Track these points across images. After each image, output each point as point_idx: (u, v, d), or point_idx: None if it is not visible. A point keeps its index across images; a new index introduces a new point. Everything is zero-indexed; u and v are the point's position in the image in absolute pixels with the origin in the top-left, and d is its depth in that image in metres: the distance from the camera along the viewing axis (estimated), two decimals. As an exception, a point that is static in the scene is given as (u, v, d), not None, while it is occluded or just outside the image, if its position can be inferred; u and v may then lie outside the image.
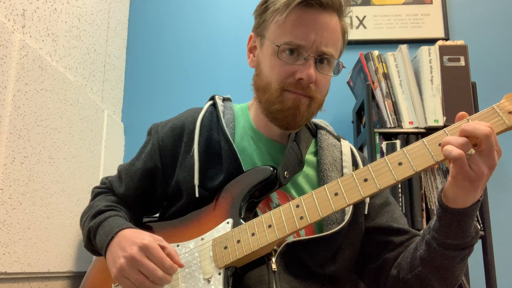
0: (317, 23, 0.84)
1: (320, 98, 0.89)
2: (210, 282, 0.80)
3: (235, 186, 0.87)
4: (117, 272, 0.78)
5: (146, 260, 0.76)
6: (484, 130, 0.64)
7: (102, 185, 1.06)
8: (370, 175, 0.73)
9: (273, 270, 0.81)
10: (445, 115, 1.50)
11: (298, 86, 0.86)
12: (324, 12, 0.85)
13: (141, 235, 0.79)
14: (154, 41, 2.04)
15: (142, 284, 0.76)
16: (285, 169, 0.87)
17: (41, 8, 1.32)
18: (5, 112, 1.10)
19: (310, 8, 0.84)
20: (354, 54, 1.70)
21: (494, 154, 0.66)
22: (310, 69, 0.84)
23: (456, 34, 1.94)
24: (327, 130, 1.02)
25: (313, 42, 0.84)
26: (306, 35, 0.84)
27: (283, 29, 0.86)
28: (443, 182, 1.50)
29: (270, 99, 0.88)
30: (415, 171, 0.70)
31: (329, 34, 0.85)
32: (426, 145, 0.70)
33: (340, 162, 0.94)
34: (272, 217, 0.79)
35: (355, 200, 0.73)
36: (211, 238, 0.84)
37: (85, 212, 0.98)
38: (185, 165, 0.92)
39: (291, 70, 0.85)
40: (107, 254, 0.84)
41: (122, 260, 0.77)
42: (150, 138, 1.00)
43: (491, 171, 0.67)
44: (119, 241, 0.81)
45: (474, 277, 1.54)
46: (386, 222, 0.92)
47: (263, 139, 0.95)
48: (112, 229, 0.85)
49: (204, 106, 0.99)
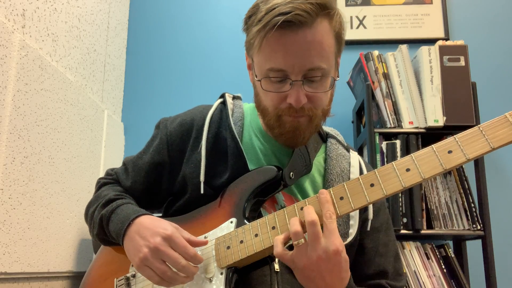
0: (295, 45, 0.78)
1: (320, 113, 0.86)
2: (212, 281, 0.79)
3: (240, 185, 0.87)
4: (139, 262, 0.78)
5: (170, 250, 0.76)
6: (308, 218, 0.70)
7: (108, 176, 1.05)
8: (377, 180, 0.71)
9: (275, 270, 0.81)
10: (445, 115, 1.50)
11: (292, 110, 0.82)
12: (302, 30, 0.77)
13: (161, 224, 0.79)
14: (154, 41, 2.04)
15: (164, 274, 0.76)
16: (291, 170, 0.87)
17: (41, 8, 1.32)
18: (5, 112, 1.10)
19: (286, 30, 0.77)
20: (354, 54, 1.70)
21: (317, 246, 0.69)
22: (298, 93, 0.80)
23: (456, 34, 1.94)
24: (337, 140, 0.99)
25: (295, 65, 0.79)
26: (286, 60, 0.79)
27: (263, 58, 0.81)
28: (443, 182, 1.51)
29: (269, 124, 0.87)
30: (423, 178, 0.68)
31: (312, 51, 0.79)
32: (436, 152, 0.69)
33: (347, 173, 0.93)
34: (276, 218, 0.78)
35: (360, 205, 0.72)
36: (214, 237, 0.84)
37: (93, 202, 0.98)
38: (192, 161, 0.92)
39: (282, 96, 0.82)
40: (126, 241, 0.83)
41: (145, 249, 0.77)
42: (158, 132, 0.99)
43: (322, 262, 0.69)
44: (138, 229, 0.81)
45: (474, 277, 1.54)
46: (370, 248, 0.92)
47: (270, 141, 0.94)
48: (128, 215, 0.84)
49: (214, 103, 0.99)
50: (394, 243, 0.95)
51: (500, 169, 1.81)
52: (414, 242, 1.50)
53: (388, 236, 0.94)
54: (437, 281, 1.44)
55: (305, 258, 0.70)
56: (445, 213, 1.47)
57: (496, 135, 0.66)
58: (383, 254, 0.91)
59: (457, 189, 1.49)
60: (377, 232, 0.93)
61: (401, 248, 1.49)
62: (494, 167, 1.79)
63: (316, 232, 0.69)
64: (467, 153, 0.67)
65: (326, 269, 0.70)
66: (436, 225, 1.46)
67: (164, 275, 0.77)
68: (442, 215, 1.47)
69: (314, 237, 0.69)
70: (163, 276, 0.77)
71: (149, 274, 0.78)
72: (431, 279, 1.45)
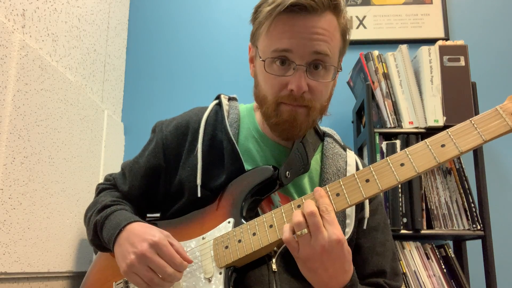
0: (302, 28, 0.79)
1: (318, 107, 0.85)
2: (211, 281, 0.80)
3: (236, 186, 0.87)
4: (126, 268, 0.78)
5: (156, 257, 0.76)
6: (307, 209, 0.71)
7: (107, 181, 1.05)
8: (372, 175, 0.72)
9: (273, 270, 0.82)
10: (445, 115, 1.50)
11: (291, 98, 0.82)
12: (312, 16, 0.79)
13: (150, 231, 0.79)
14: (154, 41, 2.04)
15: (151, 281, 0.77)
16: (287, 169, 0.87)
17: (41, 8, 1.32)
18: (5, 112, 1.10)
19: (295, 14, 0.79)
20: (354, 54, 1.70)
21: (319, 236, 0.70)
22: (300, 79, 0.80)
23: (456, 34, 1.94)
24: (334, 139, 0.99)
25: (300, 46, 0.79)
26: (292, 41, 0.79)
27: (269, 39, 0.82)
28: (443, 182, 1.51)
29: (267, 113, 0.86)
30: (417, 172, 0.69)
31: (320, 36, 0.80)
32: (429, 146, 0.70)
33: (344, 172, 0.93)
34: (274, 217, 0.79)
35: (356, 201, 0.73)
36: (212, 238, 0.84)
37: (90, 208, 0.98)
38: (188, 164, 0.92)
39: (283, 82, 0.82)
40: (116, 248, 0.83)
41: (132, 256, 0.77)
42: (154, 136, 0.99)
43: (325, 253, 0.70)
44: (128, 235, 0.81)
45: (474, 277, 1.54)
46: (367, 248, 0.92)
47: (268, 142, 0.94)
48: (119, 222, 0.85)
49: (210, 105, 0.99)
50: (391, 243, 0.95)
51: (500, 169, 1.81)
52: (414, 242, 1.50)
53: (385, 235, 0.94)
54: (437, 281, 1.44)
55: (308, 248, 0.71)
56: (445, 213, 1.47)
57: (488, 127, 0.67)
58: (380, 254, 0.91)
59: (457, 189, 1.49)
60: (375, 232, 0.93)
61: (401, 248, 1.49)
62: (494, 167, 1.79)
63: (317, 222, 0.70)
64: (459, 146, 0.68)
65: (329, 260, 0.71)
66: (436, 225, 1.46)
67: (151, 282, 0.77)
68: (442, 215, 1.47)
69: (315, 228, 0.70)
70: (150, 283, 0.77)
71: (136, 280, 0.78)
72: (431, 279, 1.45)
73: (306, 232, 0.70)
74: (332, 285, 0.74)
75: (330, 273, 0.72)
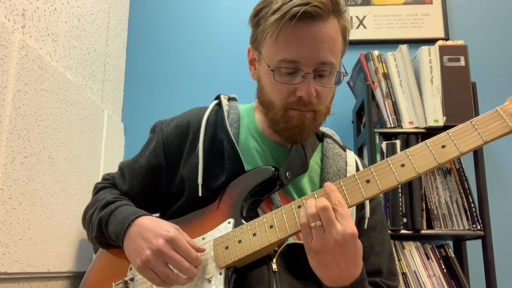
0: (310, 37, 0.80)
1: (324, 110, 0.87)
2: (211, 282, 0.80)
3: (237, 186, 0.87)
4: (142, 264, 0.78)
5: (173, 253, 0.76)
6: (319, 204, 0.70)
7: (105, 180, 1.05)
8: (373, 176, 0.72)
9: (273, 270, 0.81)
10: (445, 115, 1.50)
11: (300, 104, 0.83)
12: (317, 23, 0.80)
13: (163, 226, 0.79)
14: (154, 41, 2.04)
15: (167, 277, 0.77)
16: (287, 170, 0.87)
17: (41, 8, 1.32)
18: (5, 112, 1.10)
19: (301, 22, 0.79)
20: (354, 54, 1.70)
21: (333, 229, 0.69)
22: (309, 87, 0.81)
23: (456, 34, 1.94)
24: (334, 139, 1.00)
25: (308, 57, 0.80)
26: (300, 51, 0.80)
27: (276, 48, 0.82)
28: (443, 182, 1.51)
29: (274, 118, 0.87)
30: (418, 173, 0.69)
31: (325, 44, 0.81)
32: (429, 147, 0.70)
33: (344, 172, 0.94)
34: (274, 217, 0.78)
35: (357, 202, 0.73)
36: (212, 238, 0.84)
37: (90, 206, 0.97)
38: (189, 164, 0.92)
39: (291, 89, 0.83)
40: (126, 243, 0.83)
41: (148, 251, 0.77)
42: (154, 135, 0.99)
43: (338, 246, 0.70)
44: (139, 230, 0.81)
45: (474, 277, 1.54)
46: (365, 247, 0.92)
47: (267, 142, 0.94)
48: (127, 216, 0.84)
49: (210, 105, 0.99)
50: (389, 243, 0.96)
51: (500, 169, 1.81)
52: (414, 242, 1.50)
53: (383, 235, 0.95)
54: (437, 281, 1.44)
55: (322, 241, 0.70)
56: (445, 213, 1.48)
57: (488, 128, 0.67)
58: (378, 253, 0.92)
59: (457, 189, 1.49)
60: (373, 231, 0.93)
61: (401, 248, 1.49)
62: (494, 168, 1.79)
63: (330, 216, 0.69)
64: (460, 147, 0.68)
65: (341, 254, 0.70)
66: (436, 225, 1.46)
67: (167, 278, 0.77)
68: (442, 215, 1.47)
69: (328, 222, 0.69)
70: (165, 279, 0.77)
71: (151, 276, 0.78)
72: (431, 279, 1.45)
73: (320, 224, 0.70)
74: (342, 279, 0.74)
75: (341, 267, 0.72)
